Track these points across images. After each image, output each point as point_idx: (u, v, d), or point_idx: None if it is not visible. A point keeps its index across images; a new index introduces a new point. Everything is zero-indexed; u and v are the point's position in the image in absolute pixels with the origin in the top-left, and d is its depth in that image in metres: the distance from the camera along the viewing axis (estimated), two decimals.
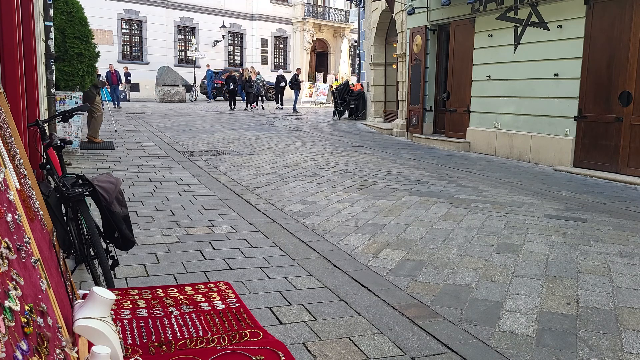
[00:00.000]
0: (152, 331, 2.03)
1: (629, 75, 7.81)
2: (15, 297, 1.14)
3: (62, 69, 8.89)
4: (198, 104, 25.06)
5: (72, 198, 2.88)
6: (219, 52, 33.00)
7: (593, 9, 8.33)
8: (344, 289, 3.50)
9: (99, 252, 2.94)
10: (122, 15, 28.93)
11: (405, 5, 13.13)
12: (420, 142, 12.54)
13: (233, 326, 2.10)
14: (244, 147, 10.61)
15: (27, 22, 4.77)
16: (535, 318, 3.13)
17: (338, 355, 2.62)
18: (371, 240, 4.63)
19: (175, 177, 7.21)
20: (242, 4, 34.06)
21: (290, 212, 5.54)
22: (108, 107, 12.93)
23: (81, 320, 1.60)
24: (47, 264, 1.64)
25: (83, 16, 9.44)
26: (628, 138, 7.82)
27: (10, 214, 1.40)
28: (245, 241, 4.47)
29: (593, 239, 4.74)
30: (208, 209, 5.50)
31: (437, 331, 2.93)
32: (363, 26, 18.81)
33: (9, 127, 1.95)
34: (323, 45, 38.38)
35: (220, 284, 2.56)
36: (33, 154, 4.17)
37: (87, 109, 5.07)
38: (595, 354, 2.73)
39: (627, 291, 3.56)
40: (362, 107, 18.96)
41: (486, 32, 10.51)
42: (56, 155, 3.38)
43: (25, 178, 1.91)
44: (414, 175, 7.92)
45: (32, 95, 4.93)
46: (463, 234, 4.85)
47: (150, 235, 4.50)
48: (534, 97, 9.34)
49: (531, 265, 4.05)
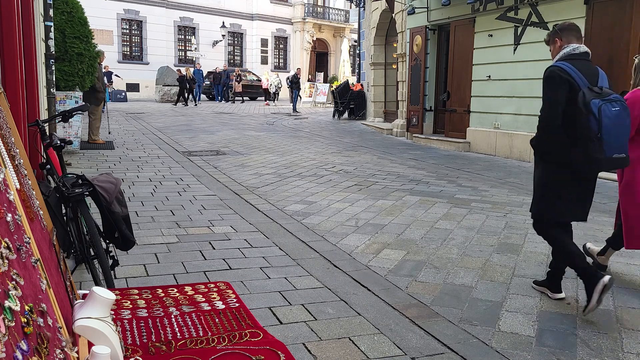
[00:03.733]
0: (152, 331, 2.03)
1: (628, 75, 7.80)
2: (15, 297, 1.14)
3: (62, 69, 8.89)
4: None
5: (72, 198, 2.88)
6: (219, 52, 33.00)
7: (593, 9, 8.33)
8: (344, 289, 3.50)
9: (99, 252, 2.93)
10: (122, 15, 28.94)
11: (405, 5, 13.13)
12: (420, 142, 12.54)
13: (233, 326, 2.10)
14: (244, 147, 10.62)
15: (27, 22, 4.77)
16: (535, 318, 3.13)
17: (338, 355, 2.62)
18: (371, 240, 4.63)
19: (175, 177, 7.20)
20: (242, 4, 34.07)
21: (290, 212, 5.54)
22: (106, 107, 12.89)
23: (81, 320, 1.60)
24: (47, 264, 1.64)
25: (83, 16, 9.43)
26: None
27: (10, 214, 1.40)
28: (245, 241, 4.47)
29: (593, 239, 4.73)
30: (208, 209, 5.50)
31: (437, 331, 2.93)
32: (363, 26, 18.81)
33: (9, 127, 1.95)
34: (323, 45, 38.38)
35: (220, 284, 2.56)
36: (33, 154, 4.17)
37: (87, 109, 5.08)
38: (595, 354, 2.73)
39: (627, 291, 3.56)
40: (362, 107, 18.95)
41: (486, 32, 10.51)
42: (56, 155, 3.37)
43: (25, 178, 1.91)
44: (414, 175, 7.92)
45: (32, 95, 4.93)
46: (463, 234, 4.85)
47: (150, 235, 4.50)
48: (534, 97, 9.33)
49: (531, 265, 4.05)
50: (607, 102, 3.00)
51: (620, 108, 3.02)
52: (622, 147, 3.06)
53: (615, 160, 3.07)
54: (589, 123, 3.00)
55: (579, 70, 3.15)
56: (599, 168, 3.14)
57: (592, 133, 2.99)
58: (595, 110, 2.98)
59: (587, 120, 3.00)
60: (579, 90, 3.07)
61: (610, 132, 2.98)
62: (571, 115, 3.10)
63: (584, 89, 3.06)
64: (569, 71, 3.13)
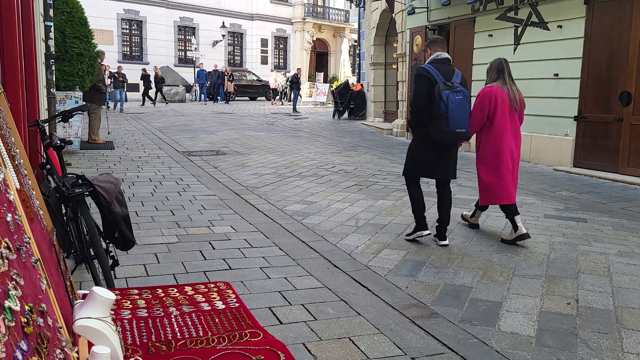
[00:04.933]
0: (152, 331, 2.03)
1: (629, 75, 7.81)
2: (15, 297, 1.14)
3: (62, 69, 8.89)
4: (197, 104, 25.06)
5: (72, 198, 2.88)
6: (219, 52, 33.01)
7: (593, 9, 8.33)
8: (344, 289, 3.50)
9: (99, 252, 2.93)
10: (122, 15, 28.94)
11: (405, 5, 13.13)
12: None
13: (233, 326, 2.10)
14: (244, 147, 10.62)
15: (27, 22, 4.77)
16: (535, 318, 3.13)
17: (338, 355, 2.62)
18: (371, 240, 4.63)
19: (175, 177, 7.21)
20: (242, 4, 34.07)
21: (290, 212, 5.54)
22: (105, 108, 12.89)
23: (81, 320, 1.60)
24: (47, 264, 1.64)
25: (83, 16, 9.43)
26: (628, 138, 7.82)
27: (10, 214, 1.40)
28: (245, 241, 4.47)
29: (593, 239, 4.74)
30: (208, 209, 5.50)
31: (437, 331, 2.93)
32: (363, 26, 18.81)
33: (9, 127, 1.95)
34: (323, 45, 38.39)
35: (220, 284, 2.56)
36: (33, 154, 4.17)
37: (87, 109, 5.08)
38: (595, 354, 2.73)
39: (627, 291, 3.56)
40: (362, 107, 18.95)
41: (486, 32, 10.51)
42: (56, 155, 3.37)
43: (25, 178, 1.91)
44: None
45: (32, 95, 4.93)
46: (463, 234, 4.85)
47: (150, 235, 4.50)
48: (534, 97, 9.33)
49: (531, 265, 4.05)
50: (453, 92, 4.25)
51: (462, 97, 4.28)
52: (463, 124, 4.30)
53: (459, 133, 4.31)
54: (440, 107, 4.23)
55: (438, 70, 4.37)
56: (448, 138, 4.33)
57: (442, 114, 4.22)
58: (445, 98, 4.22)
59: (439, 105, 4.23)
60: (436, 84, 4.29)
61: (454, 113, 4.23)
62: (431, 101, 4.30)
63: (440, 83, 4.29)
64: (430, 71, 4.37)
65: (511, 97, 4.63)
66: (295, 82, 23.53)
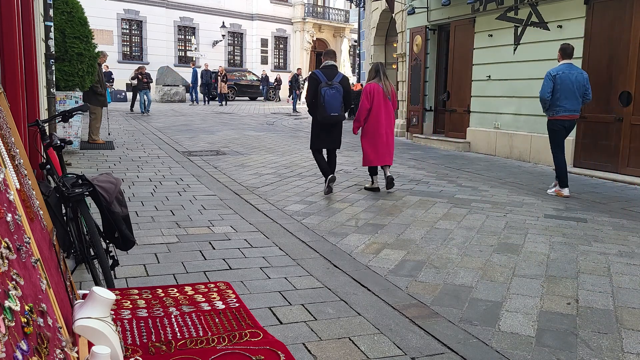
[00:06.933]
0: (152, 331, 2.03)
1: (629, 75, 7.81)
2: (15, 297, 1.14)
3: (62, 69, 8.89)
4: (196, 105, 25.06)
5: (72, 198, 2.87)
6: (219, 52, 33.01)
7: (593, 8, 8.33)
8: (344, 289, 3.50)
9: (99, 252, 2.93)
10: (122, 15, 28.94)
11: (405, 5, 13.13)
12: (420, 142, 12.54)
13: (233, 326, 2.10)
14: (244, 147, 10.62)
15: (27, 22, 4.76)
16: (535, 318, 3.13)
17: (338, 355, 2.62)
18: (371, 240, 4.63)
19: (175, 177, 7.21)
20: (242, 4, 34.07)
21: (290, 212, 5.54)
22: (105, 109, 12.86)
23: (81, 320, 1.60)
24: (47, 264, 1.64)
25: (83, 16, 9.43)
26: (628, 138, 7.82)
27: (10, 214, 1.40)
28: (245, 241, 4.47)
29: (593, 239, 4.74)
30: (208, 209, 5.50)
31: (437, 331, 2.93)
32: (363, 26, 18.81)
33: (9, 127, 1.95)
34: (323, 46, 38.34)
35: (220, 284, 2.56)
36: (33, 154, 4.17)
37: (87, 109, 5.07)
38: (595, 354, 2.73)
39: (627, 291, 3.56)
40: None
41: (486, 32, 10.51)
42: (56, 155, 3.37)
43: (25, 178, 1.91)
44: (414, 175, 7.93)
45: (32, 95, 4.93)
46: (463, 234, 4.85)
47: (150, 235, 4.50)
48: (534, 97, 9.31)
49: (531, 265, 4.05)
50: (329, 88, 6.13)
51: (335, 91, 6.14)
52: (335, 110, 6.18)
53: (333, 116, 6.20)
54: (319, 99, 6.14)
55: (324, 73, 6.26)
56: (326, 120, 6.23)
57: (321, 103, 6.15)
58: (323, 92, 6.12)
59: (319, 97, 6.15)
60: (320, 83, 6.18)
61: (329, 103, 6.12)
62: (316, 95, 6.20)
63: (322, 82, 6.17)
64: (317, 74, 6.29)
65: (384, 90, 6.47)
66: (295, 82, 23.51)
